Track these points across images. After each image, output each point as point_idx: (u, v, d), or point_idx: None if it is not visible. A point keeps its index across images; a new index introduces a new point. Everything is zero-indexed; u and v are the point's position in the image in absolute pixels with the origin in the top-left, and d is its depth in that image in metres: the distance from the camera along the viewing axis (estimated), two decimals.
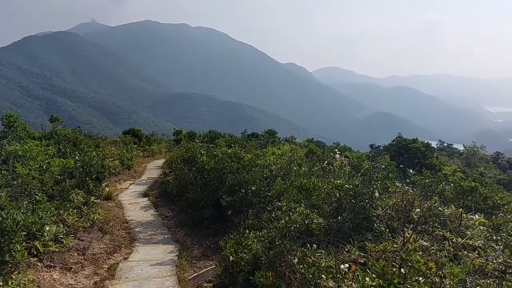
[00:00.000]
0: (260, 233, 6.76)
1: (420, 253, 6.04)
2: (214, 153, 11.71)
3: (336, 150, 13.66)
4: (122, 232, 9.96)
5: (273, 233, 6.37)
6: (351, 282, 4.13)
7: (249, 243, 6.46)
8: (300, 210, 6.85)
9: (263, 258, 5.98)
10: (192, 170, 11.82)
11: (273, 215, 7.07)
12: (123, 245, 8.91)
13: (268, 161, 10.19)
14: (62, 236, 7.22)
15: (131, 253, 8.46)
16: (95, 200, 9.90)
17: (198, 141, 19.59)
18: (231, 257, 6.33)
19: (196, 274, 7.17)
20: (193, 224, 10.20)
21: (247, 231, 7.00)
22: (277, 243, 6.01)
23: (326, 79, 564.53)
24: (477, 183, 11.39)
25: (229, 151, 10.73)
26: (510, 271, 5.45)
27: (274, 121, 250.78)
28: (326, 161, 11.37)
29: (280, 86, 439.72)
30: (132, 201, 13.61)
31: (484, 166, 43.01)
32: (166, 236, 9.78)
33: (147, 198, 14.06)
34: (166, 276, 7.01)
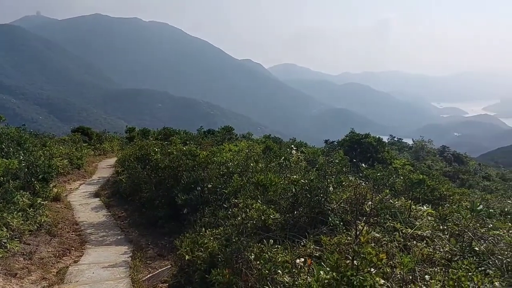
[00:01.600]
0: (217, 231, 6.71)
1: (373, 244, 6.23)
2: (169, 150, 11.48)
3: (292, 146, 13.82)
4: (72, 234, 9.55)
5: (229, 230, 6.33)
6: (306, 276, 4.16)
7: (206, 241, 6.38)
8: (257, 206, 6.85)
9: (219, 256, 5.93)
10: (146, 169, 11.53)
11: (229, 212, 7.03)
12: (73, 248, 8.55)
13: (225, 158, 10.12)
14: (5, 241, 6.81)
15: (82, 255, 8.14)
16: (42, 202, 9.43)
17: (152, 138, 19.16)
18: (187, 256, 6.23)
19: (151, 274, 7.01)
20: (148, 224, 9.97)
21: (204, 229, 6.92)
22: (234, 240, 5.98)
23: (282, 76, 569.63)
24: (425, 176, 11.93)
25: (184, 148, 10.55)
26: (456, 259, 5.74)
27: (231, 117, 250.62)
28: (283, 157, 11.47)
29: (237, 82, 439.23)
30: (83, 201, 13.10)
31: (432, 159, 45.30)
32: (119, 237, 9.49)
33: (98, 199, 13.58)
34: (119, 278, 6.80)
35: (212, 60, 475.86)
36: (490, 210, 8.64)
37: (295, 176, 8.20)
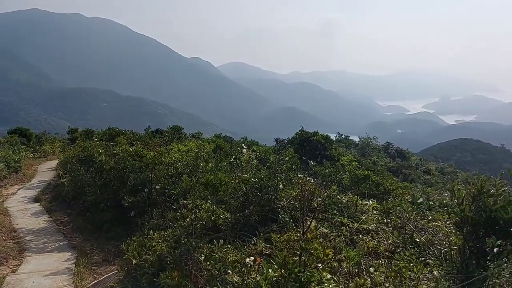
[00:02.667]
0: (165, 233, 6.56)
1: (321, 240, 6.36)
2: (114, 151, 11.08)
3: (243, 145, 13.83)
4: (9, 242, 8.96)
5: (178, 231, 6.21)
6: (255, 275, 4.15)
7: (154, 244, 6.22)
8: (207, 207, 6.78)
9: (168, 258, 5.80)
10: (90, 171, 11.05)
11: (178, 213, 6.90)
12: (10, 257, 8.02)
13: (174, 158, 9.93)
14: None
15: (20, 264, 7.66)
16: None
17: (96, 139, 18.41)
18: (134, 260, 6.03)
19: (96, 281, 6.72)
20: (93, 228, 9.57)
21: (152, 231, 6.73)
22: (183, 241, 5.88)
23: (232, 74, 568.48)
24: (370, 171, 12.40)
25: (131, 149, 10.22)
26: (399, 250, 5.99)
27: (180, 117, 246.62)
28: (233, 156, 11.44)
29: (186, 81, 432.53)
30: (21, 207, 12.33)
31: (377, 155, 47.16)
32: (62, 243, 9.04)
33: (39, 203, 12.85)
34: (62, 287, 6.48)
35: (159, 59, 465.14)
36: (430, 203, 9.16)
37: (245, 175, 8.21)
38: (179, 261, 5.68)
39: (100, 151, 11.61)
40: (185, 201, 7.22)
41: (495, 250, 4.11)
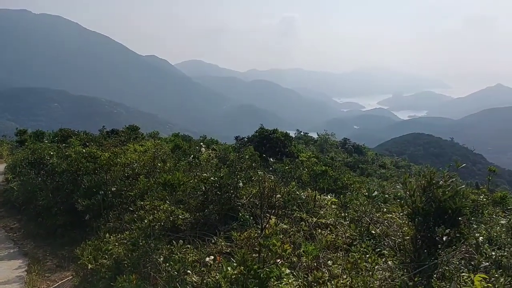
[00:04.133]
0: (122, 236, 6.39)
1: (281, 236, 6.43)
2: (67, 153, 10.64)
3: (201, 143, 13.70)
4: None
5: (136, 234, 6.07)
6: (215, 274, 4.13)
7: (110, 247, 6.05)
8: (165, 207, 6.68)
9: (125, 262, 5.67)
10: (41, 174, 10.55)
11: (136, 215, 6.74)
12: None
13: (130, 159, 9.68)
14: None
15: None
16: None
17: (47, 141, 17.59)
18: (89, 265, 5.84)
19: None
20: (46, 234, 9.16)
21: (108, 235, 6.54)
22: (141, 243, 5.75)
23: (189, 72, 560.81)
24: (328, 167, 12.66)
25: (84, 150, 9.87)
26: (355, 243, 6.16)
27: (137, 116, 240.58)
28: (192, 155, 11.32)
29: (142, 80, 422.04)
30: None
31: (334, 151, 48.24)
32: (12, 251, 8.60)
33: None
34: None
35: (113, 56, 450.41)
36: (386, 196, 9.48)
37: (205, 174, 8.15)
38: (137, 263, 5.56)
39: (52, 153, 11.11)
40: (142, 203, 7.05)
41: (444, 238, 4.31)
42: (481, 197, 8.34)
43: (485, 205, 8.06)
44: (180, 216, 6.57)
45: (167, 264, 5.04)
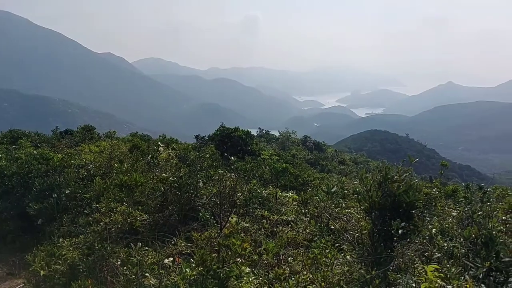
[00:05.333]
0: (77, 240, 6.14)
1: (242, 234, 6.40)
2: (16, 155, 10.11)
3: (160, 143, 13.44)
4: None
5: (91, 237, 5.85)
6: (174, 276, 4.04)
7: (64, 252, 5.79)
8: (122, 209, 6.49)
9: (81, 267, 5.46)
10: None
11: (91, 218, 6.50)
12: None
13: (85, 160, 9.34)
14: None
15: None
16: None
17: None
18: (42, 271, 5.57)
19: None
20: None
21: (62, 239, 6.26)
22: (97, 247, 5.56)
23: (147, 70, 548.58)
24: (289, 164, 12.78)
25: (35, 152, 9.41)
26: (316, 239, 6.23)
27: (93, 116, 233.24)
28: (150, 155, 11.06)
29: (98, 78, 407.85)
30: None
31: (296, 148, 48.77)
32: None
33: None
34: None
35: (67, 54, 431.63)
36: (345, 191, 9.67)
37: (164, 174, 7.99)
38: (93, 268, 5.37)
39: (0, 155, 10.52)
40: (98, 205, 6.81)
41: (399, 232, 4.43)
42: (434, 190, 8.66)
43: (437, 198, 8.37)
44: (138, 218, 6.41)
45: (125, 268, 4.90)
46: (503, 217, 5.10)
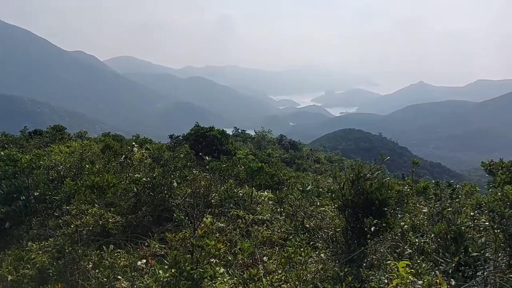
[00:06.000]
0: (47, 243, 5.96)
1: (217, 234, 6.37)
2: None
3: (134, 143, 13.21)
4: None
5: (61, 240, 5.69)
6: (147, 278, 3.97)
7: (33, 256, 5.61)
8: (93, 211, 6.34)
9: (50, 270, 5.30)
10: None
11: (61, 220, 6.33)
12: None
13: (55, 161, 9.07)
14: None
15: None
16: None
17: None
18: (9, 276, 5.37)
19: None
20: None
21: (31, 242, 6.07)
22: (67, 250, 5.41)
23: (120, 69, 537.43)
24: (264, 164, 12.81)
25: (2, 153, 9.08)
26: (291, 237, 6.26)
27: (63, 115, 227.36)
28: (124, 156, 10.87)
29: (68, 77, 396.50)
30: None
31: (271, 147, 48.94)
32: None
33: None
34: None
35: (35, 52, 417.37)
36: (320, 189, 9.76)
37: (137, 175, 7.86)
38: (63, 272, 5.23)
39: None
40: (68, 207, 6.64)
41: (372, 229, 4.50)
42: (406, 187, 8.85)
43: (409, 195, 8.57)
44: (111, 220, 6.27)
45: (97, 271, 4.79)
46: (471, 213, 5.25)
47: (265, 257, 5.04)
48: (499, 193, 4.49)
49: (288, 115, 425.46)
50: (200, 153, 15.02)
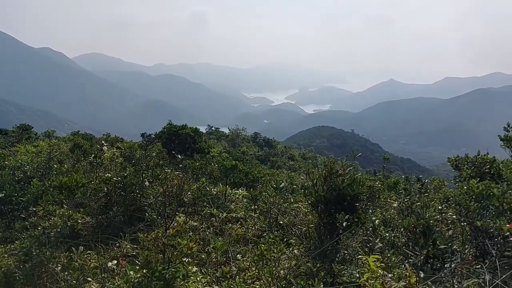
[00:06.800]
0: (13, 246, 5.76)
1: (191, 233, 6.31)
2: None
3: (103, 142, 12.91)
4: None
5: (28, 243, 5.50)
6: (118, 279, 3.89)
7: None
8: (62, 212, 6.16)
9: (17, 274, 5.12)
10: None
11: (27, 222, 6.12)
12: None
13: (21, 161, 8.77)
14: None
15: None
16: None
17: None
18: None
19: None
20: None
21: None
22: (35, 253, 5.24)
23: (90, 66, 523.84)
24: (238, 161, 12.78)
25: None
26: (265, 234, 6.27)
27: (30, 114, 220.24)
28: (93, 155, 10.63)
29: (35, 74, 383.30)
30: None
31: (246, 145, 49.00)
32: None
33: None
34: None
35: (0, 49, 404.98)
36: (294, 186, 9.82)
37: (108, 174, 7.70)
38: (30, 275, 5.06)
39: None
40: (35, 208, 6.43)
41: (344, 224, 4.56)
42: (377, 183, 9.02)
43: (380, 191, 8.73)
44: (80, 221, 6.11)
45: (66, 273, 4.67)
46: (439, 207, 5.40)
47: (238, 255, 5.03)
48: (465, 187, 4.63)
49: (262, 113, 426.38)
50: (173, 152, 14.85)
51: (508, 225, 3.81)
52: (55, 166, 8.59)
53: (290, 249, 5.16)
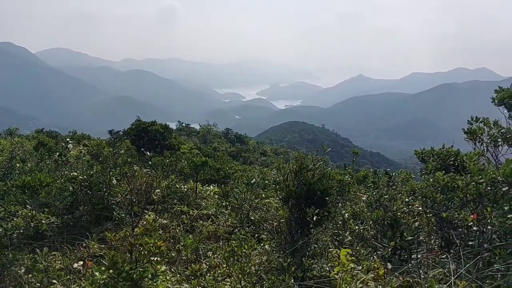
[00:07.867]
0: None
1: (160, 231, 6.21)
2: None
3: (69, 139, 12.54)
4: None
5: None
6: (84, 280, 3.77)
7: None
8: (25, 213, 5.92)
9: None
10: None
11: None
12: None
13: None
14: None
15: None
16: None
17: None
18: None
19: None
20: None
21: None
22: None
23: (53, 62, 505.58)
24: (210, 158, 12.67)
25: None
26: (236, 231, 6.25)
27: None
28: (58, 153, 10.30)
29: None
30: None
31: (217, 141, 48.73)
32: None
33: None
34: None
35: None
36: (266, 182, 9.83)
37: (73, 173, 7.46)
38: None
39: None
40: None
41: (314, 218, 4.59)
42: (347, 177, 9.15)
43: (350, 184, 8.86)
44: (44, 221, 5.88)
45: (30, 276, 4.50)
46: (407, 199, 5.52)
47: (209, 252, 4.98)
48: (431, 179, 4.75)
49: (234, 108, 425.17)
50: (142, 149, 14.58)
51: (472, 216, 3.93)
52: (17, 165, 8.26)
53: (261, 244, 5.15)
